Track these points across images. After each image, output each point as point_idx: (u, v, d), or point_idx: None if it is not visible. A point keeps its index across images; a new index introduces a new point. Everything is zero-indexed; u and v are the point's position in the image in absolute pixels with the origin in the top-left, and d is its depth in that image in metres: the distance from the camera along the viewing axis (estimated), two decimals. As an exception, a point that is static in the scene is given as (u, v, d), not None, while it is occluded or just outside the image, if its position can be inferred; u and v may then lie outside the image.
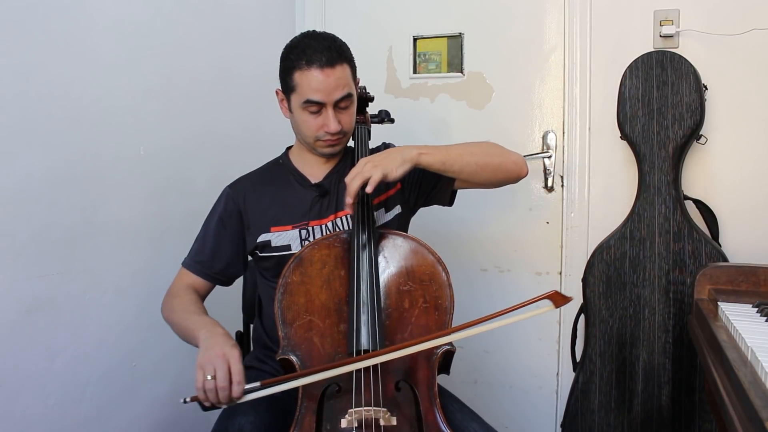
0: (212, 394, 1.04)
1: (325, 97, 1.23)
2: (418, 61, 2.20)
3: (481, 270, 2.14)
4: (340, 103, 1.26)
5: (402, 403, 1.10)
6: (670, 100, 1.71)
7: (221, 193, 1.38)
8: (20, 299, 1.30)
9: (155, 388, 1.67)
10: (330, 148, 1.32)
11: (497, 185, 1.38)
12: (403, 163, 1.19)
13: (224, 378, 1.04)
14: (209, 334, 1.13)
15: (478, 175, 1.32)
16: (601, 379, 1.78)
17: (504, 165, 1.33)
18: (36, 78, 1.32)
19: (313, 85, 1.23)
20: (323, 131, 1.27)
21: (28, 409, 1.32)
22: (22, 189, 1.30)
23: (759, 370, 0.86)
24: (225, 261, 1.35)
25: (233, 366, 1.06)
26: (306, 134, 1.30)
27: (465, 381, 2.14)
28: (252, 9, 2.07)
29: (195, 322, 1.21)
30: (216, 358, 1.06)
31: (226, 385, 1.04)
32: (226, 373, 1.04)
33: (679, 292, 1.69)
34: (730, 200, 1.80)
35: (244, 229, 1.34)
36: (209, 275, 1.35)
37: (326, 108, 1.25)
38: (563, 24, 1.99)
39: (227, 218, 1.34)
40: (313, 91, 1.23)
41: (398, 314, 1.17)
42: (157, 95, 1.66)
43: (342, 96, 1.25)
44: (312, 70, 1.22)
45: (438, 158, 1.25)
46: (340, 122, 1.27)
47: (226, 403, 1.06)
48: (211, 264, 1.34)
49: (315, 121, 1.27)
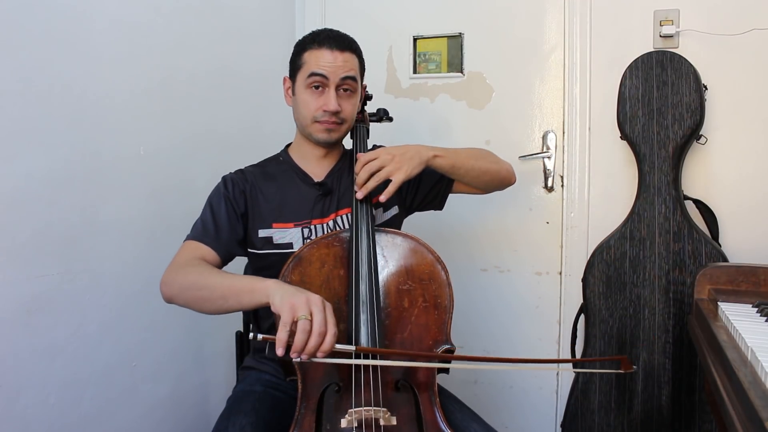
0: (302, 336, 0.93)
1: (330, 72, 1.26)
2: (418, 61, 2.20)
3: (481, 270, 2.14)
4: (342, 86, 1.28)
5: (402, 402, 1.10)
6: (670, 100, 1.71)
7: (222, 178, 1.35)
8: (20, 299, 1.30)
9: (155, 388, 1.67)
10: (326, 134, 1.31)
11: (489, 191, 1.45)
12: (419, 165, 1.25)
13: (323, 323, 0.95)
14: (284, 285, 1.03)
15: (479, 180, 1.39)
16: (601, 379, 1.78)
17: (500, 172, 1.42)
18: (36, 78, 1.33)
19: (320, 61, 1.26)
20: (322, 111, 1.28)
21: (28, 409, 1.32)
22: (22, 189, 1.30)
23: (759, 370, 0.86)
24: (230, 236, 1.28)
25: (329, 317, 0.97)
26: (305, 115, 1.30)
27: (465, 381, 2.14)
28: (252, 9, 2.07)
29: (246, 279, 1.10)
30: (313, 302, 0.96)
31: (323, 330, 0.95)
32: (324, 317, 0.96)
33: (679, 292, 1.69)
34: (730, 200, 1.79)
35: (247, 213, 1.31)
36: (221, 248, 1.25)
37: (329, 87, 1.27)
38: (563, 24, 1.99)
39: (233, 198, 1.31)
40: (318, 66, 1.26)
41: (398, 313, 1.17)
42: (157, 95, 1.66)
43: (346, 76, 1.27)
44: (322, 49, 1.27)
45: (449, 161, 1.31)
46: (340, 106, 1.28)
47: (308, 354, 0.95)
48: (219, 237, 1.26)
49: (316, 100, 1.28)
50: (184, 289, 1.15)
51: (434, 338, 1.17)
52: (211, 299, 1.11)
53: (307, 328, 0.94)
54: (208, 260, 1.24)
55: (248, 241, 1.32)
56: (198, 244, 1.25)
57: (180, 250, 1.25)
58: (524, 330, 2.09)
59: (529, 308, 2.09)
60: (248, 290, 1.06)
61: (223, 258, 1.28)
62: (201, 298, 1.13)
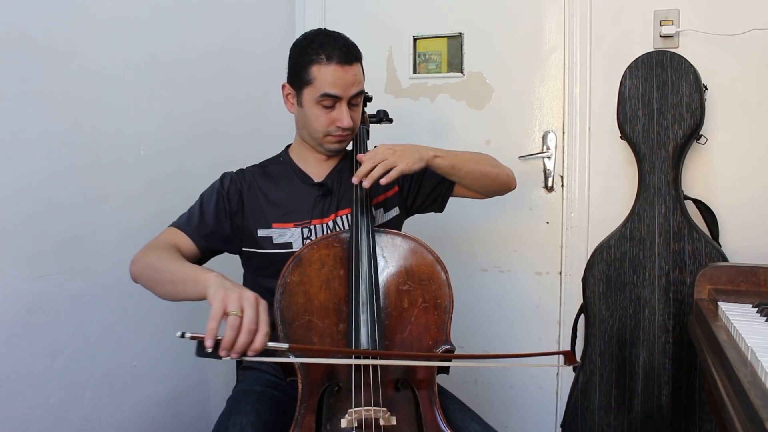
0: (231, 333, 0.90)
1: (342, 91, 1.26)
2: (418, 61, 2.20)
3: (481, 270, 2.14)
4: (352, 100, 1.30)
5: (402, 402, 1.10)
6: (670, 100, 1.71)
7: (221, 175, 1.36)
8: (20, 299, 1.30)
9: (155, 388, 1.67)
10: (337, 144, 1.34)
11: (490, 195, 1.45)
12: (419, 161, 1.25)
13: (253, 320, 0.91)
14: (225, 280, 1.00)
15: (479, 183, 1.39)
16: (601, 379, 1.78)
17: (500, 176, 1.42)
18: (36, 78, 1.33)
19: (331, 79, 1.25)
20: (335, 126, 1.29)
21: (28, 409, 1.32)
22: (22, 189, 1.30)
23: (759, 370, 0.86)
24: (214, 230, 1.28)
25: (262, 314, 0.93)
26: (316, 128, 1.31)
27: (465, 381, 2.14)
28: (252, 9, 2.07)
29: (196, 269, 1.07)
30: (246, 298, 0.93)
31: (254, 328, 0.91)
32: (256, 314, 0.92)
33: (679, 292, 1.69)
34: (730, 200, 1.79)
35: (242, 212, 1.31)
36: (200, 240, 1.26)
37: (341, 103, 1.28)
38: (563, 24, 1.99)
39: (226, 195, 1.31)
40: (330, 85, 1.25)
41: (397, 314, 1.17)
42: (157, 95, 1.66)
43: (356, 92, 1.29)
44: (332, 65, 1.25)
45: (448, 162, 1.32)
46: (351, 119, 1.30)
47: (237, 353, 0.90)
48: (201, 229, 1.27)
49: (327, 116, 1.29)
50: (144, 269, 1.16)
51: (434, 338, 1.17)
52: (163, 283, 1.11)
53: (237, 324, 0.90)
54: (183, 248, 1.23)
55: (246, 241, 1.32)
56: (177, 231, 1.26)
57: (159, 235, 1.26)
58: (524, 330, 2.09)
59: (529, 308, 2.09)
60: (192, 280, 1.04)
61: (202, 250, 1.27)
62: (155, 280, 1.13)
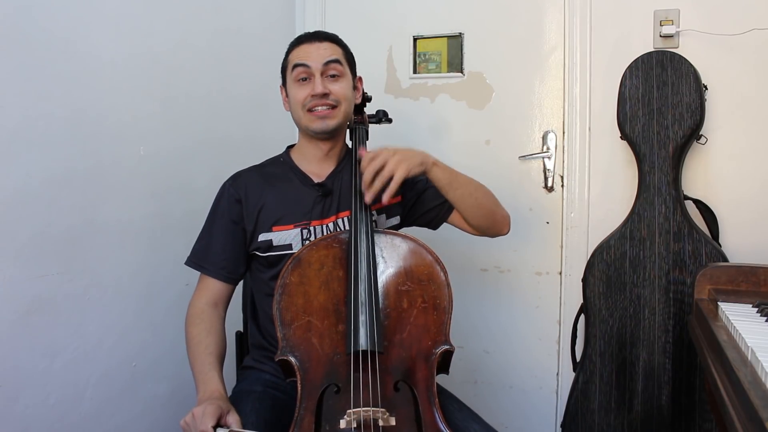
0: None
1: (312, 60, 1.30)
2: (418, 61, 2.20)
3: (481, 270, 2.14)
4: (328, 71, 1.31)
5: (401, 403, 1.10)
6: (670, 100, 1.71)
7: (221, 188, 1.36)
8: (20, 299, 1.30)
9: (155, 388, 1.67)
10: (321, 122, 1.31)
11: (481, 230, 1.41)
12: (420, 165, 1.25)
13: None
14: (207, 398, 1.13)
15: (473, 211, 1.36)
16: (601, 379, 1.78)
17: (495, 214, 1.39)
18: (36, 78, 1.33)
19: (301, 53, 1.32)
20: (310, 96, 1.30)
21: (28, 409, 1.32)
22: (22, 189, 1.30)
23: (759, 370, 0.86)
24: (230, 256, 1.32)
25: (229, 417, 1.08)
26: (297, 108, 1.32)
27: (465, 381, 2.14)
28: (252, 9, 2.07)
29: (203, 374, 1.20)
30: (197, 415, 1.07)
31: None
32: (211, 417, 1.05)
33: (679, 292, 1.69)
34: (730, 200, 1.79)
35: (245, 225, 1.32)
36: (221, 274, 1.31)
37: (314, 75, 1.30)
38: (563, 24, 1.99)
39: (230, 216, 1.32)
40: (299, 57, 1.31)
41: (397, 314, 1.17)
42: (157, 96, 1.66)
43: (328, 60, 1.31)
44: (302, 44, 1.34)
45: (447, 175, 1.30)
46: (327, 88, 1.30)
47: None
48: (216, 262, 1.31)
49: (303, 90, 1.31)
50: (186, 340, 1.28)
51: (433, 339, 1.17)
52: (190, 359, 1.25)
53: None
54: (220, 296, 1.32)
55: (251, 247, 1.32)
56: (206, 280, 1.32)
57: (196, 289, 1.33)
58: (524, 330, 2.09)
59: (529, 308, 2.09)
60: (195, 379, 1.20)
61: (230, 281, 1.33)
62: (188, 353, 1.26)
